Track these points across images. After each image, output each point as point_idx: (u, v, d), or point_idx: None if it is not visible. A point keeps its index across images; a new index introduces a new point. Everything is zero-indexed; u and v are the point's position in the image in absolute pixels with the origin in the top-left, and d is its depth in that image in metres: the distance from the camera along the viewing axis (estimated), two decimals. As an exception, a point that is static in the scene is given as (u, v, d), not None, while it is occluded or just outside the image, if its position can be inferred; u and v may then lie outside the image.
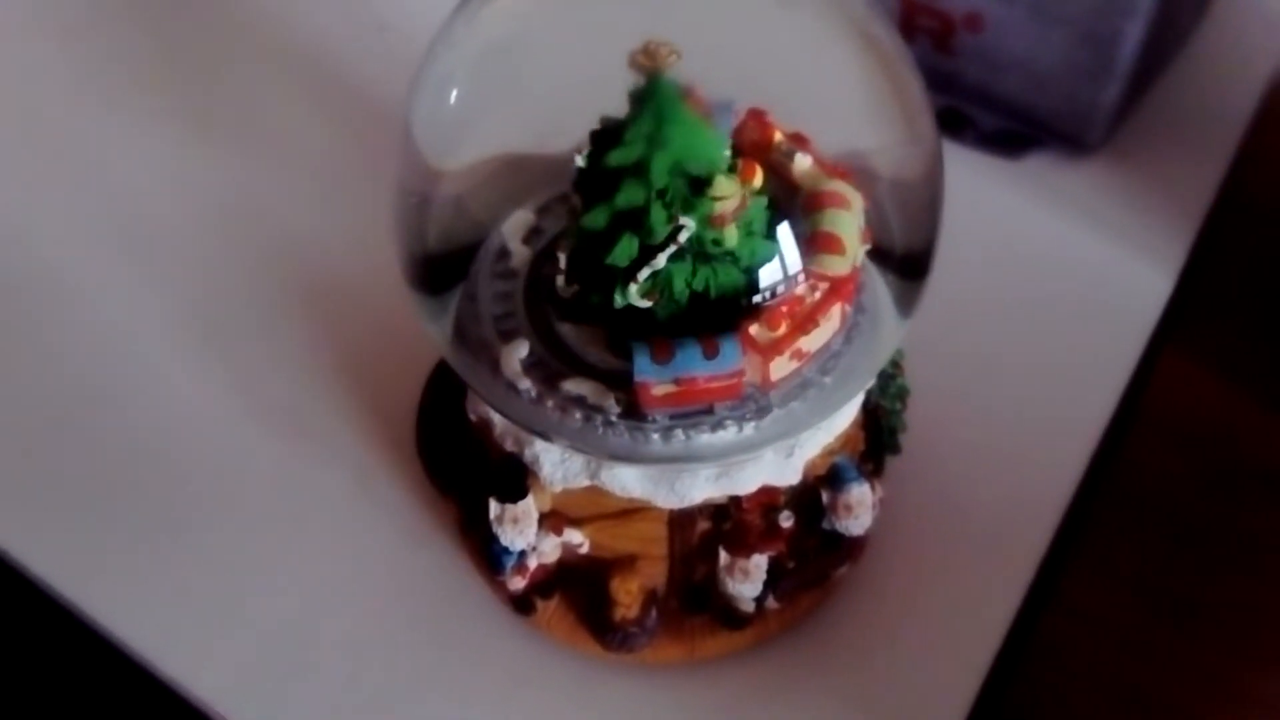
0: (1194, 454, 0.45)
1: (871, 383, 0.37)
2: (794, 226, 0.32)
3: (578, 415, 0.33)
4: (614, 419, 0.33)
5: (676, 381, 0.32)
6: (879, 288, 0.35)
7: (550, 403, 0.33)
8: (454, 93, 0.35)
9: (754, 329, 0.32)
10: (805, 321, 0.32)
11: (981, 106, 0.54)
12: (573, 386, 0.33)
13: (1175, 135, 0.55)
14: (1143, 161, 0.53)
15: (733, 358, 0.32)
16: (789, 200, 0.33)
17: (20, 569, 0.42)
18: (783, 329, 0.32)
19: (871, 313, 0.35)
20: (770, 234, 0.32)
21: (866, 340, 0.34)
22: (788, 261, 0.32)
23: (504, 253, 0.36)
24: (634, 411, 0.33)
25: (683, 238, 0.31)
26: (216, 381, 0.47)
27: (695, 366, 0.31)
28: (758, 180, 0.31)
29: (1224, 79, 0.57)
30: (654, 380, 0.32)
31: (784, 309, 0.32)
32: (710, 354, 0.31)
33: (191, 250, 0.51)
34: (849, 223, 0.33)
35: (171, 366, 0.47)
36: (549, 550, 0.37)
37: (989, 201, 0.52)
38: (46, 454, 0.45)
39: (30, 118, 0.56)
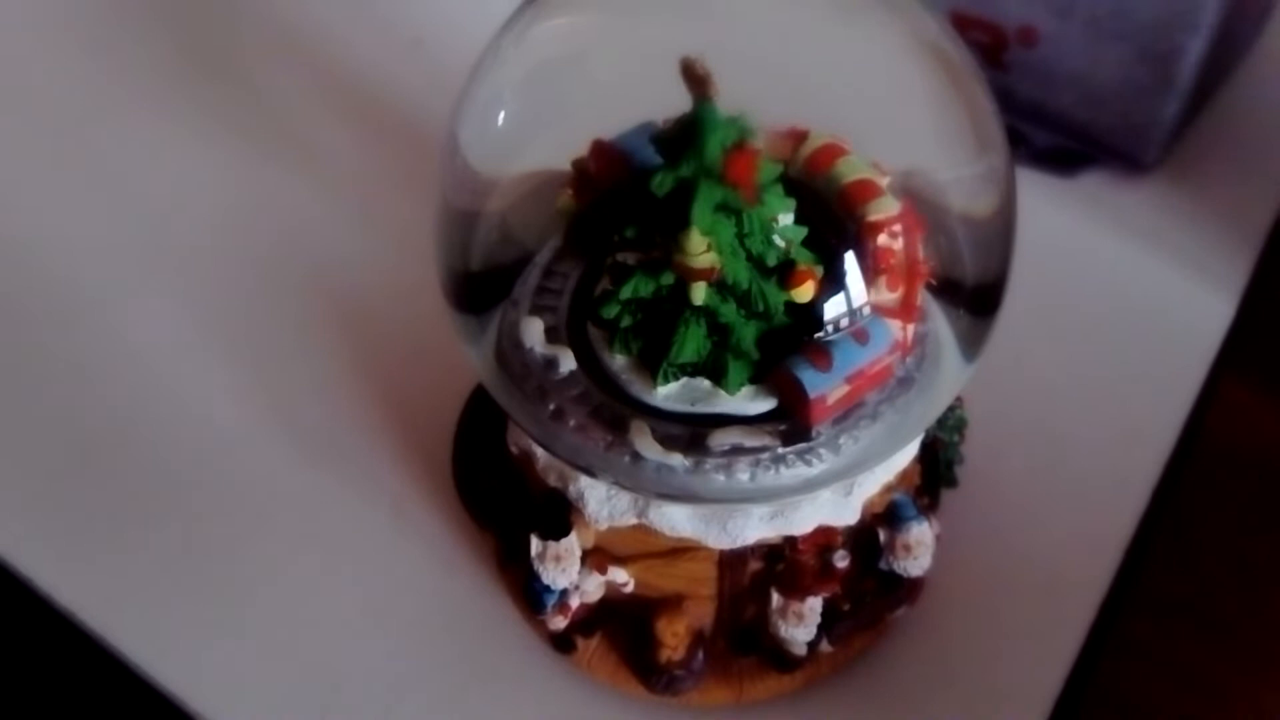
0: (1258, 484, 0.44)
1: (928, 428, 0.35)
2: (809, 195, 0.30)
3: (744, 464, 0.31)
4: (781, 452, 0.31)
5: (848, 380, 0.30)
6: (941, 328, 0.33)
7: (709, 464, 0.31)
8: (503, 110, 0.34)
9: (873, 295, 0.31)
10: (916, 266, 0.31)
11: (1034, 123, 0.52)
12: (722, 438, 0.31)
13: (1234, 153, 0.53)
14: (1201, 180, 0.52)
15: (885, 334, 0.30)
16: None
17: (46, 597, 0.41)
18: (901, 288, 0.31)
19: (932, 355, 0.33)
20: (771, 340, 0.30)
21: (925, 386, 0.32)
22: (852, 294, 0.30)
23: (551, 363, 0.33)
24: (796, 435, 0.31)
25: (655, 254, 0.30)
26: (248, 404, 0.46)
27: (857, 358, 0.30)
28: (800, 294, 0.30)
29: (1283, 94, 0.55)
30: (828, 389, 0.30)
31: (885, 265, 0.31)
32: (862, 340, 0.30)
33: (223, 268, 0.50)
34: (861, 164, 0.32)
35: (202, 388, 0.46)
36: (592, 589, 0.36)
37: (1042, 221, 0.49)
38: (72, 477, 0.44)
39: (65, 135, 0.55)
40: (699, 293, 0.29)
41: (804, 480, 0.31)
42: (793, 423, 0.31)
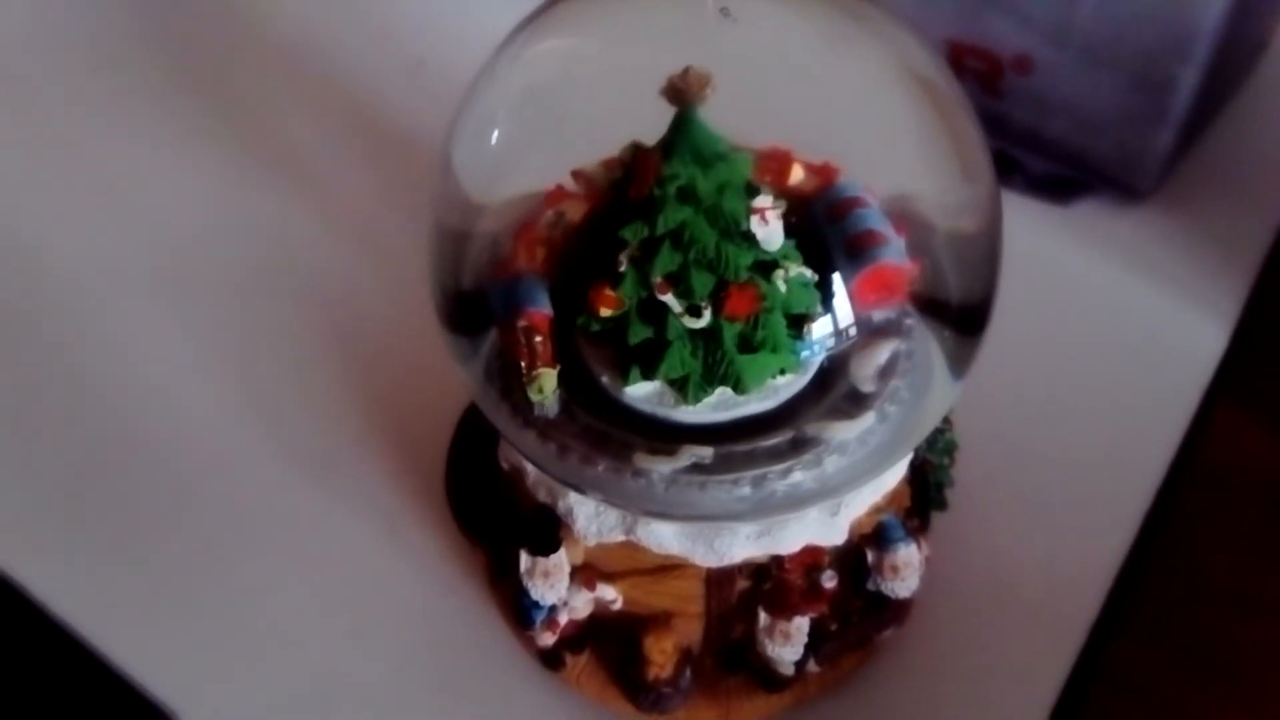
0: (1251, 511, 0.44)
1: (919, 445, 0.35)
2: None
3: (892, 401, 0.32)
4: (902, 347, 0.32)
5: (899, 232, 0.31)
6: (931, 347, 0.33)
7: (888, 399, 0.32)
8: (496, 131, 0.34)
9: (794, 182, 0.32)
10: (778, 153, 0.32)
11: (1029, 150, 0.53)
12: (860, 370, 0.32)
13: (1228, 182, 0.53)
14: (1195, 209, 0.52)
15: (853, 182, 0.32)
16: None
17: (41, 607, 0.42)
18: (802, 169, 0.32)
19: (923, 373, 0.33)
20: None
21: (915, 402, 0.33)
22: (838, 315, 0.30)
23: (639, 473, 0.32)
24: (896, 323, 0.32)
25: None
26: (242, 420, 0.46)
27: (878, 214, 0.31)
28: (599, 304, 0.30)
29: (1278, 124, 0.55)
30: (906, 256, 0.31)
31: (783, 168, 0.32)
32: (863, 204, 0.31)
33: (219, 286, 0.50)
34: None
35: (196, 404, 0.47)
36: (581, 605, 0.36)
37: (1036, 248, 0.50)
38: (68, 490, 0.44)
39: (65, 152, 0.55)
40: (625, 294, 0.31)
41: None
42: (888, 310, 0.32)
